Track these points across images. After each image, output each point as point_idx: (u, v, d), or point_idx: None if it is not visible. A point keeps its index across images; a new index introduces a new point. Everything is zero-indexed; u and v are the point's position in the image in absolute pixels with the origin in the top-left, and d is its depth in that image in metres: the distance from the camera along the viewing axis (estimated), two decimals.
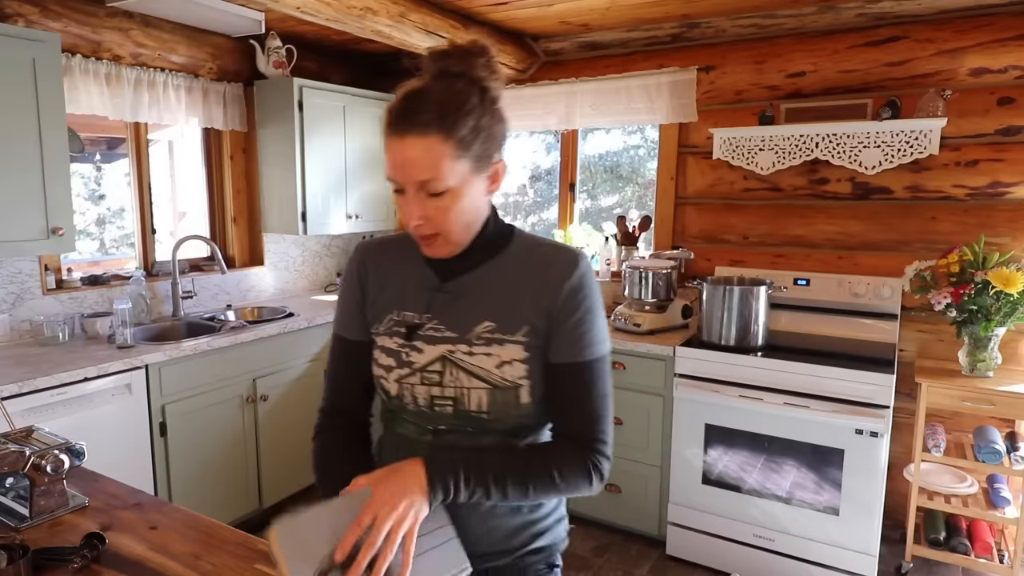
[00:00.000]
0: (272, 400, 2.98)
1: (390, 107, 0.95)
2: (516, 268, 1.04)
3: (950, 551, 2.54)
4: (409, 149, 0.91)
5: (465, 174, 0.94)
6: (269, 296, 3.68)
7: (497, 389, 1.00)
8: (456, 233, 0.98)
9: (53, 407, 2.20)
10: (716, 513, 2.70)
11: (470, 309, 1.03)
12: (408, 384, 1.03)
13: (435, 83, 0.95)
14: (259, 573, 1.06)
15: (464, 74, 0.96)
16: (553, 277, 1.01)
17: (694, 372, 2.69)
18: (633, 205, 3.84)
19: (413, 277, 1.08)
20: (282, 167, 3.38)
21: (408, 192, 0.94)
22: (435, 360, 1.02)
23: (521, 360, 1.00)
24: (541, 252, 1.05)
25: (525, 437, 1.05)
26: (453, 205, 0.95)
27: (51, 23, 2.53)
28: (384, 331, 1.07)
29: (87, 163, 3.34)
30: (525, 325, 1.01)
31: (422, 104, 0.92)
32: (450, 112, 0.92)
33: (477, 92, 0.95)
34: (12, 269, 2.61)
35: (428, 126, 0.90)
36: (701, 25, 2.99)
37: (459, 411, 1.02)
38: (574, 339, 1.00)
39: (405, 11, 2.67)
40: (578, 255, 1.03)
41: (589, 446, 1.02)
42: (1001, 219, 2.69)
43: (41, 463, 1.19)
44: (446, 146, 0.91)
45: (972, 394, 2.46)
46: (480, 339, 1.01)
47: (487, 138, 0.95)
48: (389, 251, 1.12)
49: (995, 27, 2.60)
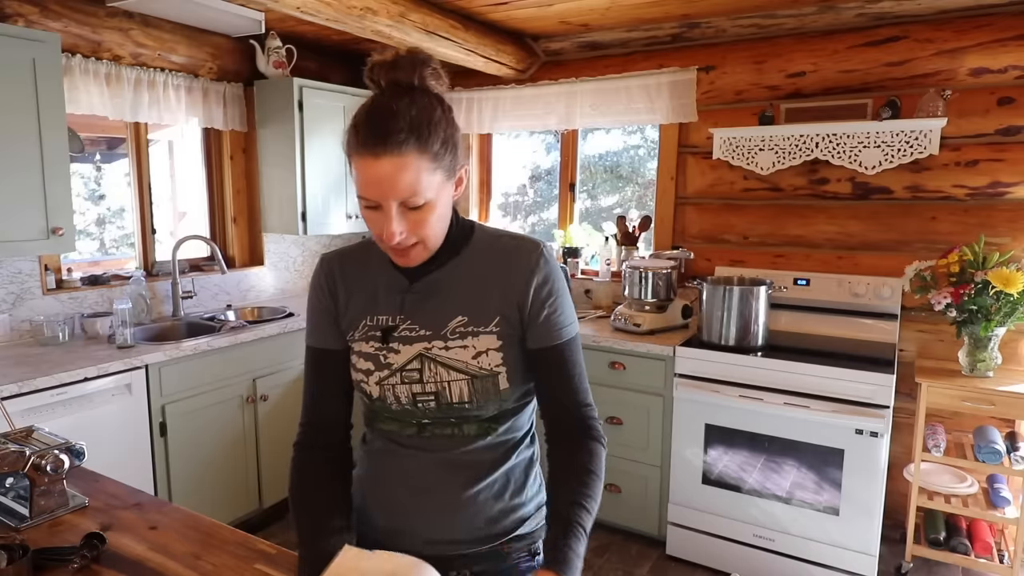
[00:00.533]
0: (272, 400, 2.98)
1: (356, 125, 0.94)
2: (481, 262, 1.07)
3: (950, 551, 2.55)
4: (386, 168, 0.92)
5: (439, 184, 0.96)
6: (269, 296, 3.68)
7: (476, 378, 1.03)
8: (433, 240, 1.01)
9: (53, 407, 2.20)
10: (716, 513, 2.70)
11: (442, 306, 1.06)
12: (389, 385, 1.06)
13: (397, 99, 0.95)
14: (259, 573, 1.06)
15: (418, 87, 0.97)
16: (519, 270, 1.05)
17: (694, 372, 2.69)
18: (633, 205, 3.84)
19: (381, 281, 1.10)
20: (282, 167, 3.38)
21: (385, 208, 0.94)
22: (413, 359, 1.05)
23: (496, 349, 1.04)
24: (503, 245, 1.08)
25: (505, 420, 1.09)
26: (430, 215, 0.97)
27: (51, 23, 2.53)
28: (360, 337, 1.09)
29: (87, 163, 3.33)
30: (496, 316, 1.05)
31: (393, 122, 0.92)
32: (422, 127, 0.93)
33: (437, 103, 0.97)
34: (12, 269, 2.61)
35: (404, 144, 0.91)
36: (701, 25, 2.99)
37: (442, 404, 1.05)
38: (548, 326, 1.06)
39: (405, 11, 2.67)
40: (539, 244, 1.07)
41: (584, 422, 1.09)
42: (1001, 219, 2.69)
43: (41, 463, 1.19)
44: (422, 161, 0.93)
45: (972, 394, 2.46)
46: (455, 334, 1.04)
47: (453, 147, 0.98)
48: (353, 259, 1.14)
49: (995, 27, 2.61)
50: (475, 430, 1.07)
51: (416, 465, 1.08)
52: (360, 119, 0.95)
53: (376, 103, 0.95)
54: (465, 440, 1.07)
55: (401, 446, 1.09)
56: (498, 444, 1.09)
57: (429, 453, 1.08)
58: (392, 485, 1.11)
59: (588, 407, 1.10)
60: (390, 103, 0.94)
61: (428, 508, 1.08)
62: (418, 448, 1.08)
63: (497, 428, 1.08)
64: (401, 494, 1.10)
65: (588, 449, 1.07)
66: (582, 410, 1.09)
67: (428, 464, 1.08)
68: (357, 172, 0.95)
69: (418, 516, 1.09)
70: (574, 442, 1.08)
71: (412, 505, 1.09)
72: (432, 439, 1.08)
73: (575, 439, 1.08)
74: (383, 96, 0.96)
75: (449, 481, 1.08)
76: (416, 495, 1.08)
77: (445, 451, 1.07)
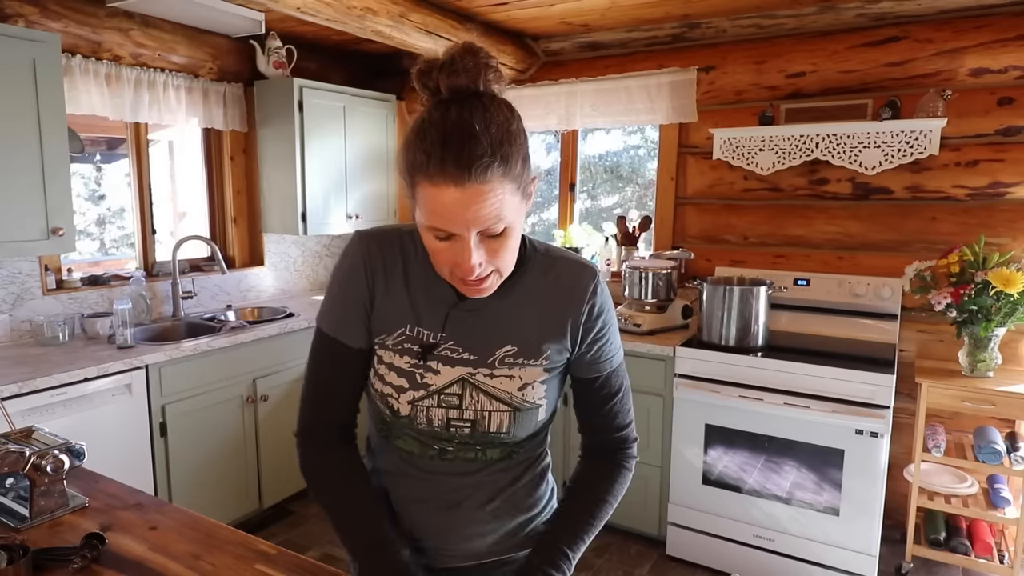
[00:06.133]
0: (272, 400, 2.98)
1: (427, 148, 0.81)
2: (535, 286, 0.98)
3: (950, 551, 2.54)
4: (471, 198, 0.80)
5: (518, 206, 0.86)
6: (269, 296, 3.68)
7: (519, 411, 0.98)
8: (509, 267, 0.91)
9: (53, 407, 2.20)
10: (716, 513, 2.70)
11: (490, 330, 0.97)
12: (423, 406, 0.97)
13: (470, 113, 0.82)
14: (259, 573, 1.06)
15: (486, 92, 0.84)
16: (573, 299, 0.99)
17: (694, 372, 2.69)
18: (633, 205, 3.84)
19: (425, 287, 0.97)
20: (282, 167, 3.38)
21: (463, 239, 0.83)
22: (453, 382, 0.97)
23: (541, 381, 0.99)
24: (558, 269, 1.00)
25: (528, 443, 1.06)
26: (509, 241, 0.87)
27: (51, 23, 2.53)
28: (394, 346, 0.98)
29: (87, 163, 3.34)
30: (547, 348, 0.98)
31: (476, 144, 0.79)
32: (504, 146, 0.81)
33: (508, 112, 0.85)
34: (12, 269, 2.61)
35: (489, 169, 0.80)
36: (701, 25, 2.99)
37: (476, 432, 0.99)
38: (598, 356, 1.02)
39: (405, 11, 2.67)
40: (595, 271, 1.01)
41: (620, 443, 1.08)
42: (1001, 219, 2.68)
43: (41, 463, 1.19)
44: (506, 184, 0.82)
45: (972, 394, 2.46)
46: (503, 363, 0.97)
47: (526, 159, 0.86)
48: (397, 249, 0.99)
49: (995, 27, 2.60)
50: (498, 454, 1.03)
51: (433, 488, 1.03)
52: (433, 140, 0.81)
53: (448, 120, 0.81)
54: (487, 463, 1.03)
55: (417, 468, 1.03)
56: (517, 464, 1.06)
57: (446, 476, 1.03)
58: (407, 504, 1.06)
59: (627, 427, 1.08)
60: (466, 120, 0.81)
61: (446, 526, 1.05)
62: (435, 471, 1.03)
63: (520, 451, 1.05)
64: (417, 512, 1.05)
65: (612, 476, 1.06)
66: (622, 432, 1.08)
67: (446, 487, 1.03)
68: (428, 200, 0.82)
69: (436, 534, 1.05)
70: (603, 464, 1.08)
71: (430, 524, 1.05)
72: (453, 462, 1.02)
73: (606, 460, 1.08)
74: (450, 109, 0.82)
75: (464, 501, 1.04)
76: (433, 513, 1.04)
77: (464, 474, 1.03)
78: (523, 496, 1.08)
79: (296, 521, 3.08)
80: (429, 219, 0.84)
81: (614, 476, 1.07)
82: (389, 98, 3.78)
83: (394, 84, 3.94)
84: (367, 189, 3.73)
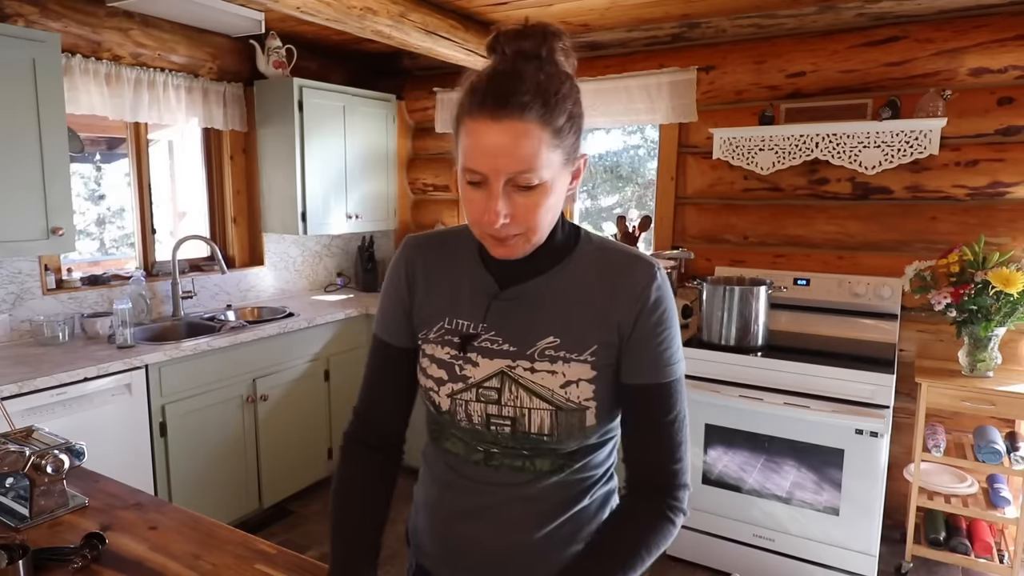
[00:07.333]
0: (272, 400, 2.98)
1: (474, 86, 0.83)
2: (584, 276, 0.94)
3: (950, 551, 2.54)
4: (505, 134, 0.79)
5: (558, 167, 0.84)
6: (269, 296, 3.68)
7: (561, 411, 0.91)
8: (540, 233, 0.88)
9: (53, 407, 2.20)
10: (716, 513, 2.70)
11: (532, 321, 0.93)
12: (461, 400, 0.94)
13: (523, 63, 0.84)
14: (259, 573, 1.06)
15: (548, 57, 0.85)
16: (626, 291, 0.91)
17: (694, 372, 2.69)
18: (633, 205, 3.84)
19: (467, 280, 0.97)
20: (282, 167, 3.38)
21: (493, 185, 0.82)
22: (492, 375, 0.93)
23: (588, 380, 0.91)
24: (611, 260, 0.95)
25: (584, 457, 0.96)
26: (543, 201, 0.84)
27: (51, 23, 2.54)
28: (435, 339, 0.97)
29: (87, 163, 3.33)
30: (594, 343, 0.91)
31: (518, 85, 0.80)
32: (549, 96, 0.81)
33: (567, 77, 0.86)
34: (12, 269, 2.61)
35: (527, 109, 0.79)
36: (701, 25, 2.99)
37: (517, 432, 0.92)
38: (651, 360, 0.92)
39: (405, 11, 2.67)
40: (653, 264, 0.93)
41: (668, 483, 0.94)
42: (1001, 219, 2.69)
43: (41, 463, 1.19)
44: (544, 133, 0.81)
45: (972, 394, 2.46)
46: (543, 356, 0.92)
47: (577, 129, 0.86)
48: (439, 248, 1.01)
49: (995, 27, 2.60)
50: (549, 465, 0.95)
51: (481, 500, 0.97)
52: (479, 82, 0.83)
53: (499, 67, 0.84)
54: (537, 476, 0.95)
55: (464, 477, 0.98)
56: (573, 482, 0.96)
57: (495, 487, 0.96)
58: (452, 518, 1.00)
59: (678, 465, 0.95)
60: (515, 67, 0.83)
61: (490, 547, 0.97)
62: (483, 481, 0.97)
63: (573, 465, 0.95)
64: (461, 528, 0.99)
65: (650, 524, 0.93)
66: (671, 467, 0.94)
67: (493, 500, 0.96)
68: (467, 139, 0.83)
69: (478, 555, 0.98)
70: (647, 506, 0.94)
71: (473, 542, 0.98)
72: (500, 470, 0.96)
73: (650, 502, 0.94)
74: (507, 62, 0.85)
75: (516, 521, 0.96)
76: (478, 532, 0.98)
77: (514, 486, 0.95)
78: (577, 527, 0.98)
79: (296, 521, 3.08)
80: (464, 159, 0.84)
81: (652, 525, 0.93)
82: (389, 98, 3.78)
83: (394, 84, 3.94)
84: (367, 189, 3.73)
